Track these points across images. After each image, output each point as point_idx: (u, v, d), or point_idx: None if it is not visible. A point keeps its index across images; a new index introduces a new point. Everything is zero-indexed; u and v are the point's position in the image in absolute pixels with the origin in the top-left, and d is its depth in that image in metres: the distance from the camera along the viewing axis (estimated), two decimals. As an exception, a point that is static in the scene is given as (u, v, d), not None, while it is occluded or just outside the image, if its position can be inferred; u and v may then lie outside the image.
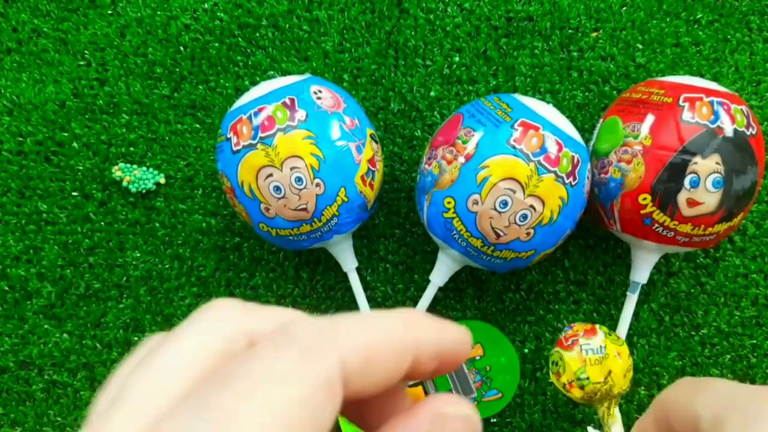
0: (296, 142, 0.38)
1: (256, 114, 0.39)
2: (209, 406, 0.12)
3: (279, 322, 0.14)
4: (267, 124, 0.39)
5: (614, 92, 0.49)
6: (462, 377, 0.47)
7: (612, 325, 0.47)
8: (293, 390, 0.12)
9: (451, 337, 0.16)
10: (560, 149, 0.38)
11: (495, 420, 0.47)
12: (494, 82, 0.50)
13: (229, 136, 0.40)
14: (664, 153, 0.38)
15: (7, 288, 0.49)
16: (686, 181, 0.38)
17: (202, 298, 0.49)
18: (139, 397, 0.13)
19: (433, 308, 0.48)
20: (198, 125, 0.50)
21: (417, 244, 0.49)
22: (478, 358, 0.47)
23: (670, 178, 0.38)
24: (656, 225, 0.40)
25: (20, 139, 0.50)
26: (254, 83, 0.50)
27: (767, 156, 0.44)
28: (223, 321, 0.15)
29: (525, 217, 0.38)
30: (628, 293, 0.45)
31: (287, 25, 0.51)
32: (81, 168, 0.50)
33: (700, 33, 0.50)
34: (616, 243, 0.48)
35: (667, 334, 0.48)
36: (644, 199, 0.39)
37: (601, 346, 0.37)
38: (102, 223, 0.49)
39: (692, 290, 0.48)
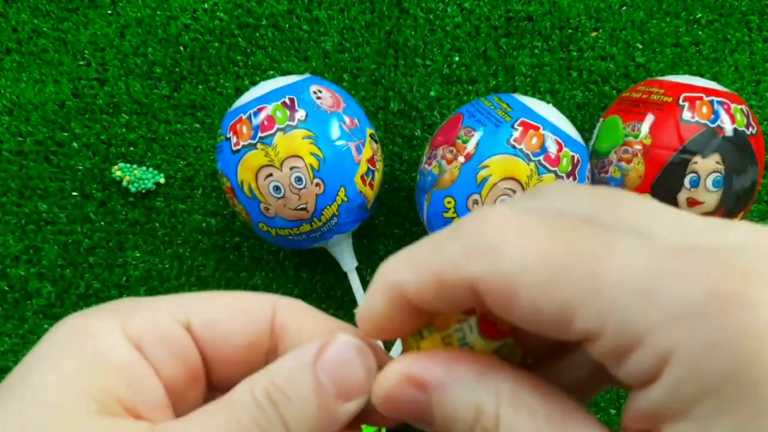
0: (296, 141, 0.38)
1: (255, 114, 0.39)
2: None
3: None
4: (267, 123, 0.39)
5: (614, 92, 0.49)
6: None
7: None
8: None
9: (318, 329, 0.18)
10: (560, 149, 0.38)
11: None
12: (494, 82, 0.50)
13: (228, 135, 0.40)
14: (664, 152, 0.38)
15: (7, 288, 0.49)
16: (686, 181, 0.38)
17: (202, 298, 0.48)
18: None
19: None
20: (198, 125, 0.50)
21: (417, 243, 0.49)
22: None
23: (670, 177, 0.38)
24: (656, 224, 0.40)
25: (20, 139, 0.50)
26: (254, 83, 0.50)
27: (767, 155, 0.44)
28: None
29: (525, 216, 0.38)
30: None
31: (287, 25, 0.51)
32: (81, 168, 0.50)
33: (700, 33, 0.50)
34: (616, 243, 0.48)
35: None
36: (644, 198, 0.39)
37: None
38: (102, 223, 0.49)
39: (692, 290, 0.48)
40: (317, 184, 0.39)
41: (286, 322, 0.18)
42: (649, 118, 0.39)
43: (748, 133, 0.39)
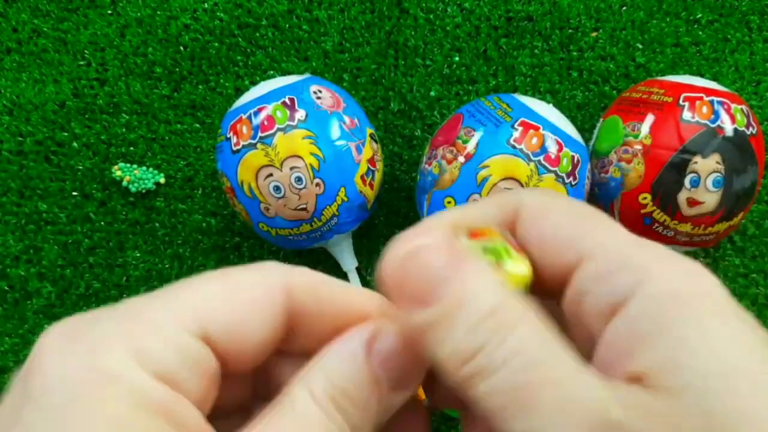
0: (296, 141, 0.38)
1: (255, 114, 0.39)
2: None
3: None
4: (267, 123, 0.39)
5: (614, 92, 0.49)
6: None
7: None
8: None
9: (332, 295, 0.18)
10: (560, 149, 0.38)
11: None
12: (494, 82, 0.50)
13: (228, 135, 0.40)
14: (664, 152, 0.38)
15: (7, 288, 0.49)
16: (686, 181, 0.38)
17: (202, 298, 0.48)
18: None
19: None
20: (198, 125, 0.50)
21: (417, 243, 0.49)
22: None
23: (671, 177, 0.38)
24: (656, 224, 0.40)
25: (20, 139, 0.50)
26: (254, 83, 0.50)
27: (767, 155, 0.44)
28: None
29: (525, 216, 0.38)
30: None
31: (287, 25, 0.51)
32: (81, 168, 0.50)
33: (700, 33, 0.50)
34: (616, 243, 0.48)
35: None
36: (644, 198, 0.39)
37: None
38: (102, 223, 0.49)
39: (692, 290, 0.48)
40: (317, 184, 0.39)
41: (305, 305, 0.17)
42: (649, 118, 0.39)
43: (748, 133, 0.39)
